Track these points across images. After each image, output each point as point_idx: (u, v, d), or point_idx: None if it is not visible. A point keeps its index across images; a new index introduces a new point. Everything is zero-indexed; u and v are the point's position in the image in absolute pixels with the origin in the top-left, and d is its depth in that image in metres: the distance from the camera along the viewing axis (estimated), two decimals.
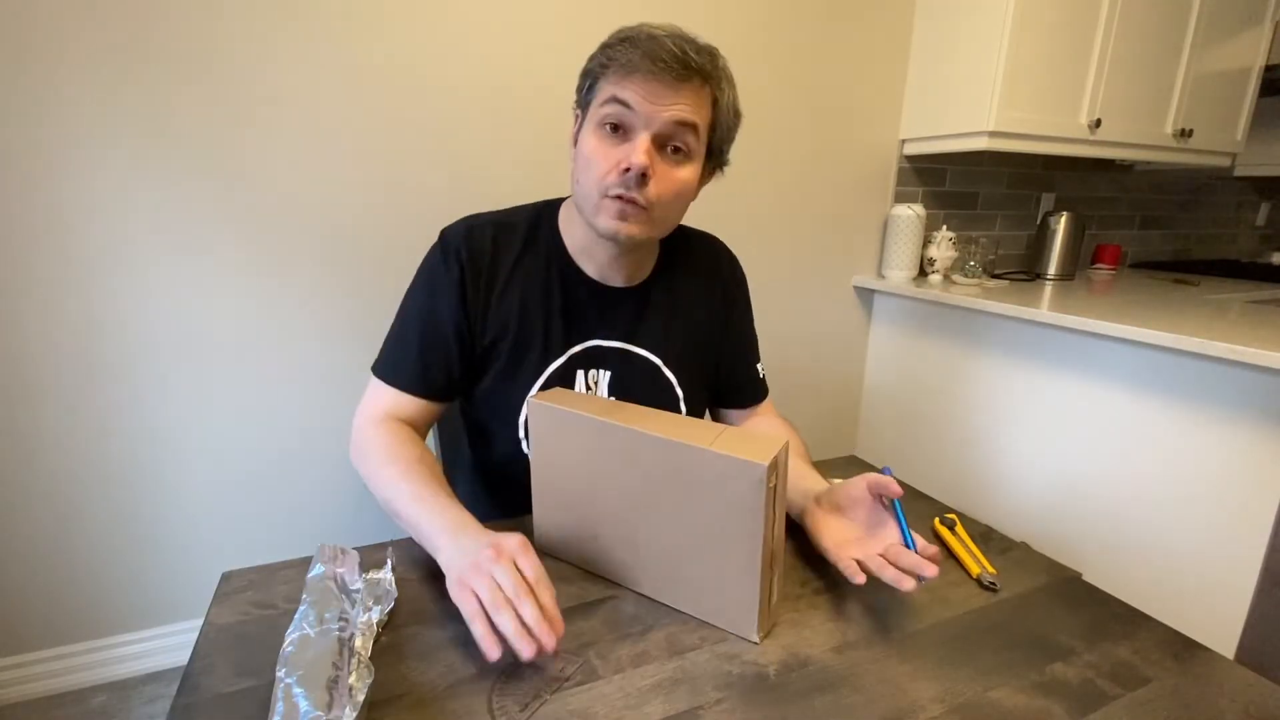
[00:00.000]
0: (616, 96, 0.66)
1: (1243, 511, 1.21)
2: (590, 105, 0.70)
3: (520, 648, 0.48)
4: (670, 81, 0.65)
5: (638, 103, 0.66)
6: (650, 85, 0.65)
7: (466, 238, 0.77)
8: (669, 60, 0.64)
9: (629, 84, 0.66)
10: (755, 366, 0.92)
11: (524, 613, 0.50)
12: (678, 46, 0.65)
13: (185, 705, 0.47)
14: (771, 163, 1.72)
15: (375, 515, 1.51)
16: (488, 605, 0.50)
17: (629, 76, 0.66)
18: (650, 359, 0.82)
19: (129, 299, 1.22)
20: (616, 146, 0.68)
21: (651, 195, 0.68)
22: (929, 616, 0.60)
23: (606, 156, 0.68)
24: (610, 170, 0.67)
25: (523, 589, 0.51)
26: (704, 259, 0.88)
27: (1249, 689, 0.52)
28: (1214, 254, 2.82)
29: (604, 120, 0.68)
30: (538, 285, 0.78)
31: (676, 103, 0.66)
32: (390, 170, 1.34)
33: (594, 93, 0.69)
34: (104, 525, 1.31)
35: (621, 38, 0.67)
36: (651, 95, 0.66)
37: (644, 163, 0.66)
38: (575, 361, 0.80)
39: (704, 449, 0.53)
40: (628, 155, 0.66)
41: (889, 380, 1.99)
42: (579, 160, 0.71)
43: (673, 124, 0.67)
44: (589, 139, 0.69)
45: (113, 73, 1.13)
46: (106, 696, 1.33)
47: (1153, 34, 1.77)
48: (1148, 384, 1.33)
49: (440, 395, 0.79)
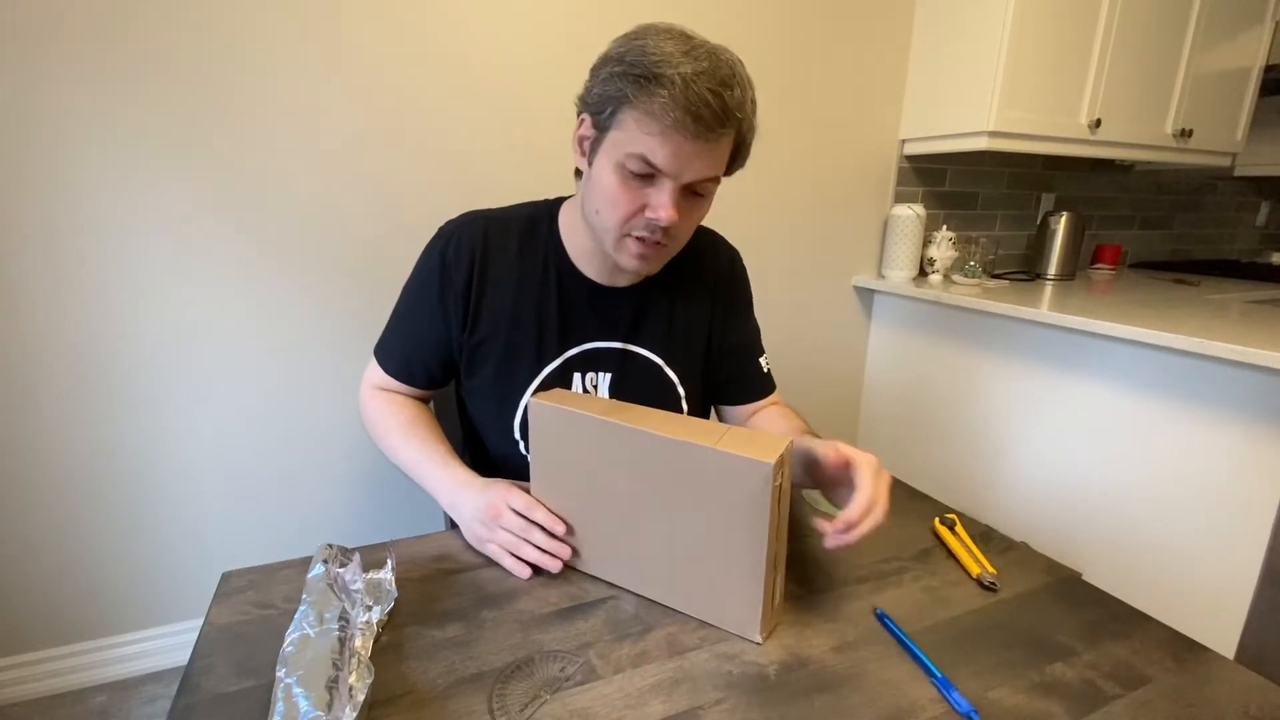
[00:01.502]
0: (646, 157, 0.63)
1: (1243, 511, 1.21)
2: (609, 131, 0.65)
3: (545, 563, 0.63)
4: (705, 138, 0.62)
5: (667, 164, 0.63)
6: (684, 145, 0.62)
7: (455, 234, 0.77)
8: (709, 120, 0.60)
9: (662, 144, 0.62)
10: (759, 361, 0.90)
11: (536, 540, 0.63)
12: (716, 99, 0.59)
13: (185, 705, 0.47)
14: (771, 163, 1.72)
15: (375, 515, 1.51)
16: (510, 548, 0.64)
17: (662, 133, 0.61)
18: (651, 359, 0.82)
19: (129, 299, 1.22)
20: (640, 189, 0.66)
21: (673, 234, 0.69)
22: (929, 616, 0.60)
23: (631, 200, 0.66)
24: (634, 215, 0.66)
25: (527, 526, 0.64)
26: (703, 256, 0.87)
27: (1249, 689, 0.52)
28: (1214, 254, 2.82)
29: (626, 165, 0.64)
30: (533, 285, 0.78)
31: (705, 156, 0.64)
32: (391, 169, 1.34)
33: (614, 121, 0.64)
34: (104, 525, 1.31)
35: (651, 73, 0.60)
36: (682, 154, 0.62)
37: (674, 217, 0.65)
38: (572, 365, 0.79)
39: (709, 448, 0.53)
40: (654, 205, 0.65)
41: (889, 380, 1.99)
42: (596, 190, 0.68)
43: (701, 180, 0.66)
44: (609, 175, 0.66)
45: (111, 72, 1.12)
46: (106, 696, 1.33)
47: (1153, 34, 1.77)
48: (1148, 384, 1.33)
49: (420, 385, 0.83)
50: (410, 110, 1.33)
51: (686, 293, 0.84)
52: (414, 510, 1.53)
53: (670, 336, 0.83)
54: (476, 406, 0.83)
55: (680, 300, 0.84)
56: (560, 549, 0.63)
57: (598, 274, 0.79)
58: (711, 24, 1.49)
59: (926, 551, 0.71)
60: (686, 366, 0.84)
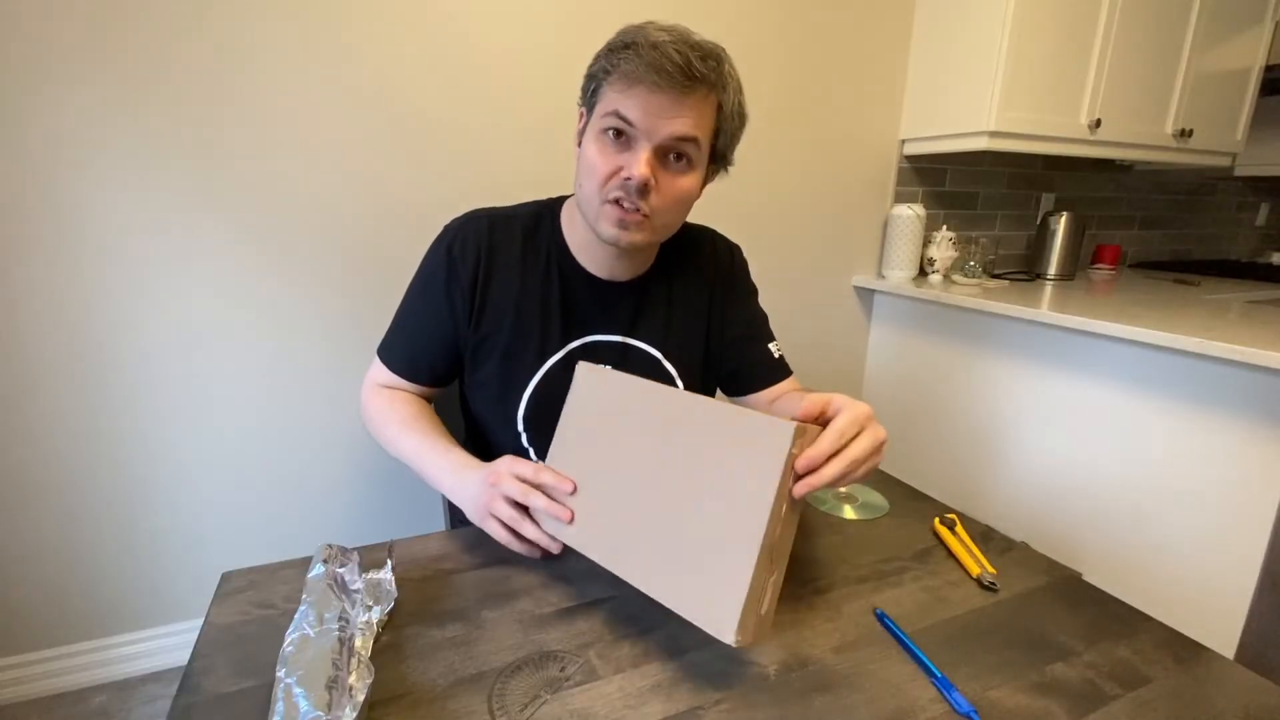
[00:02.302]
0: (618, 111, 0.66)
1: (1243, 511, 1.21)
2: (594, 109, 0.70)
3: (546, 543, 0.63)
4: (674, 94, 0.65)
5: (639, 118, 0.65)
6: (652, 98, 0.65)
7: (460, 232, 0.79)
8: (673, 71, 0.63)
9: (630, 97, 0.65)
10: (768, 347, 0.89)
11: (535, 504, 0.62)
12: (681, 55, 0.63)
13: (185, 705, 0.47)
14: (771, 163, 1.72)
15: (375, 515, 1.51)
16: (510, 524, 0.63)
17: (631, 88, 0.65)
18: (650, 352, 0.83)
19: (129, 299, 1.22)
20: (618, 154, 0.68)
21: (653, 204, 0.69)
22: (929, 616, 0.60)
23: (607, 163, 0.68)
24: (611, 176, 0.68)
25: (526, 489, 0.62)
26: (701, 252, 0.88)
27: (1249, 689, 0.52)
28: (1214, 254, 2.82)
29: (605, 129, 0.68)
30: (536, 280, 0.79)
31: (679, 115, 0.66)
32: (392, 169, 1.34)
33: (597, 97, 0.69)
34: (104, 525, 1.31)
35: (625, 42, 0.66)
36: (653, 109, 0.65)
37: (645, 174, 0.66)
38: (574, 357, 0.80)
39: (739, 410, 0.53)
40: (629, 165, 0.67)
41: (889, 380, 1.99)
42: (581, 164, 0.71)
43: (674, 138, 0.67)
44: (591, 145, 0.70)
45: (112, 72, 1.12)
46: (106, 696, 1.33)
47: (1153, 34, 1.78)
48: (1148, 384, 1.33)
49: (426, 382, 0.83)
50: (412, 112, 1.33)
51: (684, 287, 0.86)
52: (414, 510, 1.54)
53: (669, 330, 0.84)
54: (480, 400, 0.84)
55: (678, 295, 0.85)
56: (560, 511, 0.60)
57: (598, 268, 0.80)
58: (712, 24, 1.49)
59: (926, 551, 0.71)
60: (685, 360, 0.86)
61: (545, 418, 0.79)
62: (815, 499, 0.82)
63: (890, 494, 0.84)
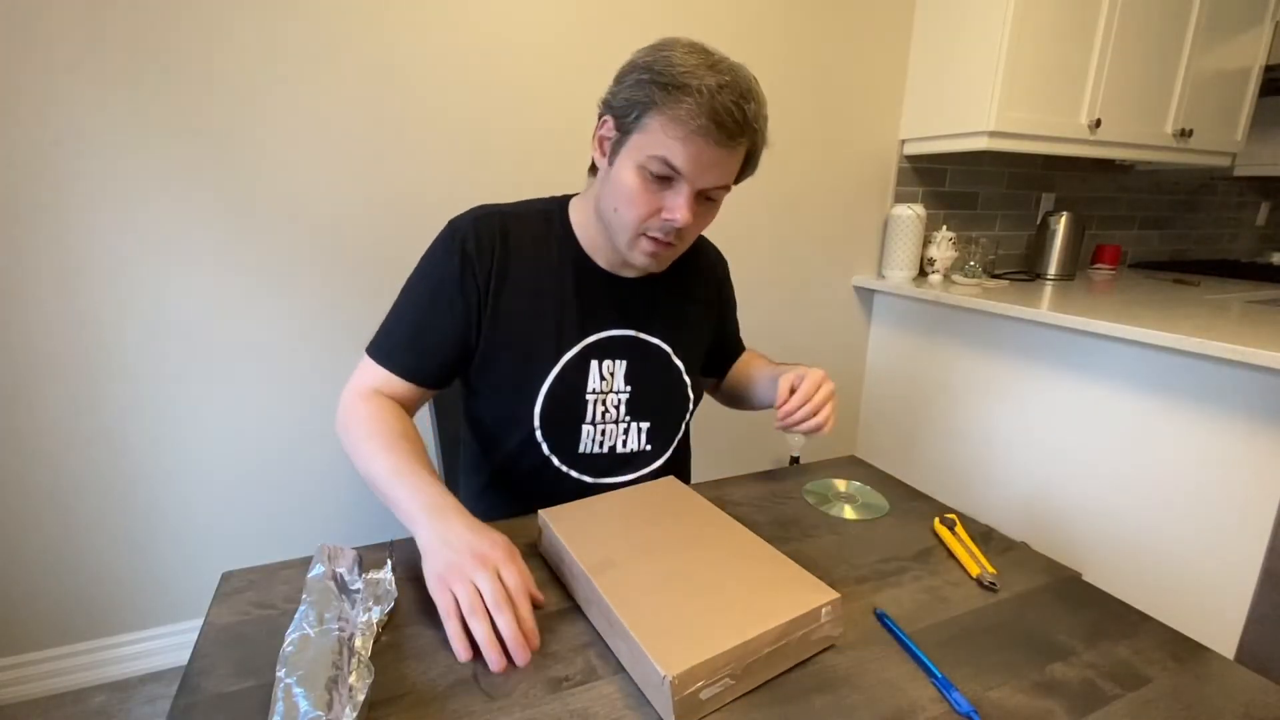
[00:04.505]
0: (668, 159, 0.67)
1: (1243, 511, 1.21)
2: (632, 134, 0.69)
3: (491, 658, 0.50)
4: (727, 149, 0.67)
5: (687, 168, 0.67)
6: (706, 152, 0.66)
7: (473, 227, 0.77)
8: (731, 129, 0.65)
9: (685, 145, 0.66)
10: (740, 338, 1.03)
11: (501, 623, 0.51)
12: (739, 110, 0.64)
13: (185, 705, 0.47)
14: (771, 163, 1.69)
15: (375, 515, 1.51)
16: (465, 610, 0.52)
17: (687, 138, 0.65)
18: (661, 346, 0.85)
19: (130, 300, 1.22)
20: (658, 192, 0.70)
21: (684, 236, 0.74)
22: (929, 616, 0.60)
23: (648, 202, 0.70)
24: (651, 215, 0.71)
25: (503, 599, 0.52)
26: (703, 252, 0.93)
27: (1249, 689, 0.52)
28: (1214, 254, 2.82)
29: (649, 169, 0.68)
30: (550, 275, 0.79)
31: (724, 165, 0.69)
32: (394, 170, 1.34)
33: (639, 125, 0.68)
34: (104, 525, 1.31)
35: (678, 82, 0.64)
36: (705, 161, 0.67)
37: (689, 219, 0.69)
38: (590, 351, 0.80)
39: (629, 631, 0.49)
40: (671, 208, 0.69)
41: (889, 380, 1.99)
42: (615, 189, 0.71)
43: (716, 187, 0.70)
44: (630, 174, 0.69)
45: (113, 72, 1.12)
46: (106, 696, 1.33)
47: (1153, 34, 1.77)
48: (1148, 384, 1.33)
49: (429, 383, 0.79)
50: (413, 113, 1.33)
51: (691, 287, 0.89)
52: None
53: (678, 326, 0.87)
54: (491, 401, 0.82)
55: (687, 293, 0.89)
56: (519, 650, 0.50)
57: (608, 265, 0.82)
58: (711, 24, 1.49)
59: (926, 551, 0.71)
60: (691, 355, 0.88)
61: (560, 417, 0.79)
62: (816, 499, 0.82)
63: (890, 494, 0.84)
